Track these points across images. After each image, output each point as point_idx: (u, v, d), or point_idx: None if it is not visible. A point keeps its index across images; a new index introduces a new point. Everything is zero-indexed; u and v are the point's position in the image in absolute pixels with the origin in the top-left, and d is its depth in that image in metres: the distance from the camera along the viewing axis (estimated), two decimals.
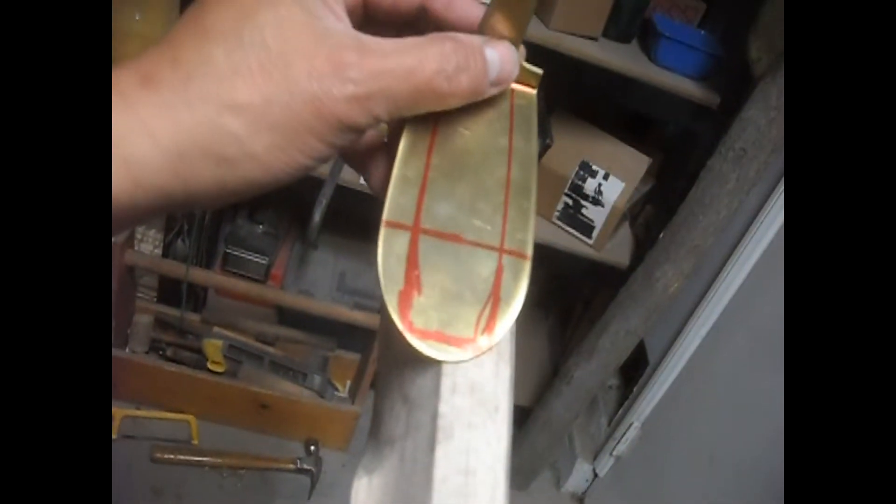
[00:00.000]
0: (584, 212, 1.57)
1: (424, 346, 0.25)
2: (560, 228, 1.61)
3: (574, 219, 1.59)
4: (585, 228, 1.59)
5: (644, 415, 1.64)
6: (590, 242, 1.59)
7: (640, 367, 1.67)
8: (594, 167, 1.53)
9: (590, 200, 1.55)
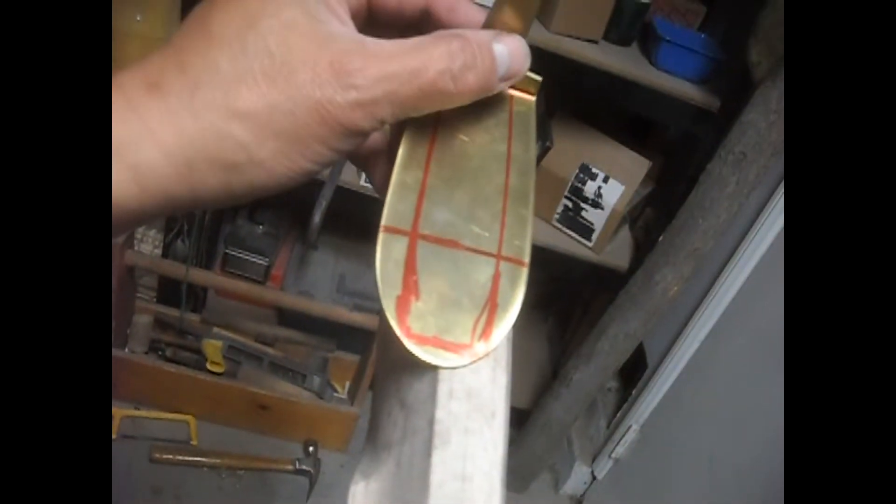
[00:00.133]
0: (584, 214, 1.57)
1: (421, 352, 0.25)
2: (560, 231, 1.61)
3: (574, 221, 1.59)
4: (585, 231, 1.59)
5: (643, 417, 1.64)
6: (589, 245, 1.59)
7: (640, 370, 1.67)
8: (594, 170, 1.53)
9: (590, 203, 1.55)
